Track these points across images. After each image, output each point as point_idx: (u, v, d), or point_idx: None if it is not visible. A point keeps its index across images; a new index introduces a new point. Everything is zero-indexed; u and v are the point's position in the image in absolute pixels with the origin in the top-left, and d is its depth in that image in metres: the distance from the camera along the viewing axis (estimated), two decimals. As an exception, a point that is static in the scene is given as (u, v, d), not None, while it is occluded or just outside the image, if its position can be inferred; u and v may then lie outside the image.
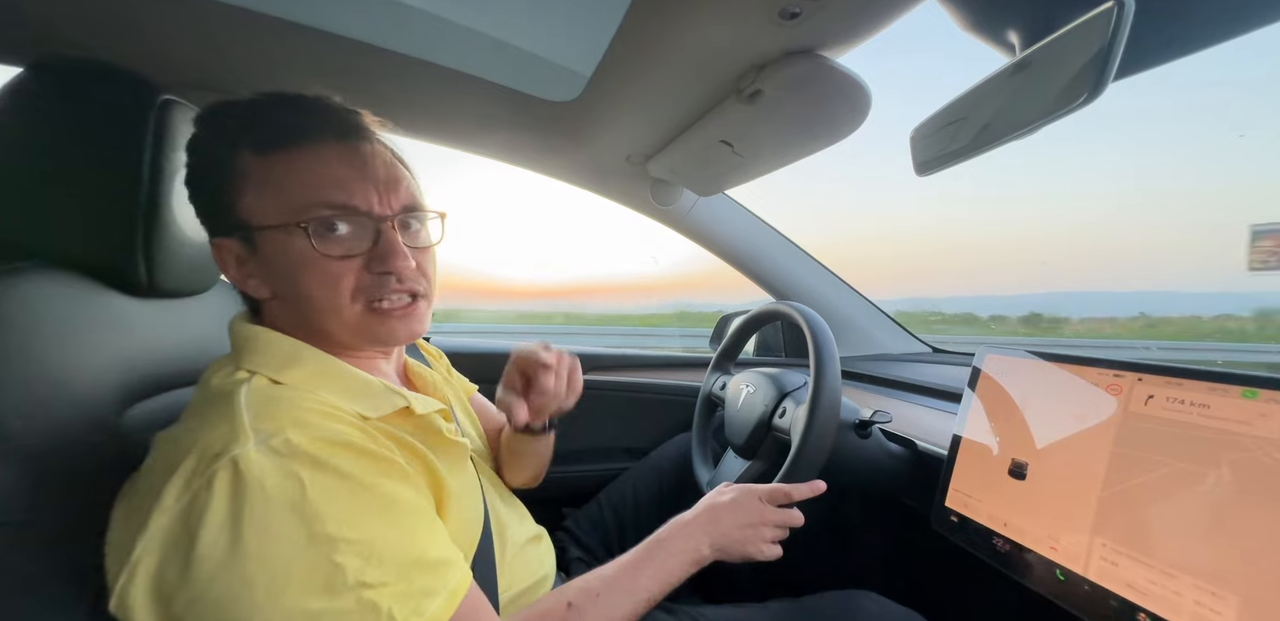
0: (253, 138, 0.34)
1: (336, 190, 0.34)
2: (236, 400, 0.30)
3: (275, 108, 0.35)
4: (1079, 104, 0.34)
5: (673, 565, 0.42)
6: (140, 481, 0.29)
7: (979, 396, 0.49)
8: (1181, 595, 0.31)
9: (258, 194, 0.34)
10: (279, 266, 0.35)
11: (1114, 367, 0.39)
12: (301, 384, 0.33)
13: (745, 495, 0.47)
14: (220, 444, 0.27)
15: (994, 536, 0.43)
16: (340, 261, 0.35)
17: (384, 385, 0.37)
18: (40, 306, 0.34)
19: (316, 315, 0.36)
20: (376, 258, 0.35)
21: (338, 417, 0.32)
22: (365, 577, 0.27)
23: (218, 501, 0.26)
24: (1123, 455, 0.36)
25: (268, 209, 0.34)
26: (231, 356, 0.35)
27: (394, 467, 0.32)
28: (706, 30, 0.46)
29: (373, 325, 0.36)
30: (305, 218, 0.33)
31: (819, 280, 1.01)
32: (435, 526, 0.33)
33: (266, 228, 0.34)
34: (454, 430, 0.42)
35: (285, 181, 0.34)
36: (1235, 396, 0.32)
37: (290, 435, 0.28)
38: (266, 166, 0.34)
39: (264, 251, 0.35)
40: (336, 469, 0.29)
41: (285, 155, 0.34)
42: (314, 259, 0.34)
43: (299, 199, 0.34)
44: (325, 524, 0.27)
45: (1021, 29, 0.40)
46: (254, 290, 0.36)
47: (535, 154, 0.84)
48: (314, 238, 0.34)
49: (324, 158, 0.35)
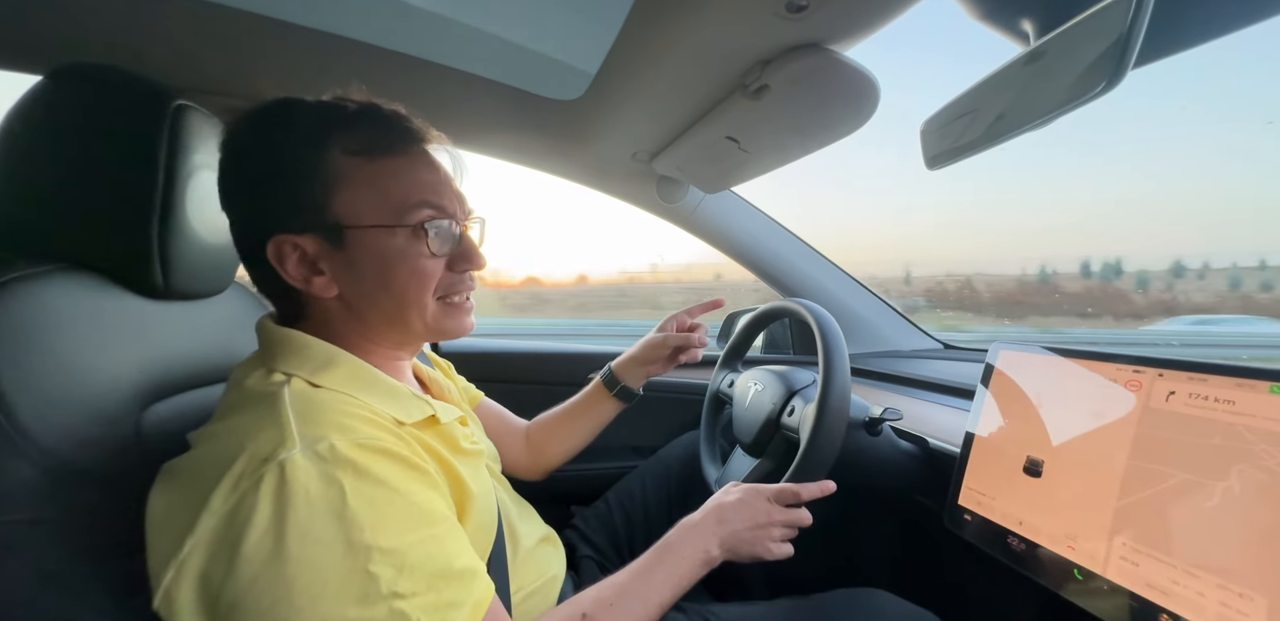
0: (350, 141, 0.35)
1: (433, 194, 0.37)
2: (281, 403, 0.30)
3: (365, 114, 0.37)
4: (1097, 93, 0.33)
5: (683, 569, 0.42)
6: (183, 477, 0.30)
7: (992, 393, 0.48)
8: (1205, 596, 0.30)
9: (354, 195, 0.35)
10: (369, 264, 0.36)
11: (1134, 363, 0.38)
12: (339, 387, 0.34)
13: (753, 495, 0.47)
14: (268, 448, 0.28)
15: (1009, 535, 0.42)
16: (433, 260, 0.37)
17: (411, 392, 0.38)
18: (59, 308, 0.35)
19: (396, 310, 0.37)
20: (461, 257, 0.39)
21: (377, 422, 0.33)
22: (398, 588, 0.27)
23: (263, 505, 0.26)
24: (1143, 452, 0.35)
25: (367, 209, 0.35)
26: (261, 358, 0.36)
27: (426, 476, 0.33)
28: (711, 26, 0.46)
29: (445, 319, 0.39)
30: (411, 219, 0.36)
31: (827, 276, 1.00)
32: (460, 535, 0.33)
33: (365, 227, 0.35)
34: (470, 436, 0.43)
35: (387, 185, 0.36)
36: (1263, 392, 0.31)
37: (335, 440, 0.29)
38: (367, 169, 0.35)
39: (353, 249, 0.36)
40: (376, 476, 0.29)
41: (386, 160, 0.36)
42: (413, 257, 0.36)
43: (400, 201, 0.36)
44: (364, 532, 0.27)
45: (1036, 17, 0.40)
46: (320, 289, 0.36)
47: (540, 153, 0.84)
48: (422, 238, 0.36)
49: (418, 164, 0.38)
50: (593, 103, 0.66)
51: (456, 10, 0.56)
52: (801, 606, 0.51)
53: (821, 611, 0.50)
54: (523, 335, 1.40)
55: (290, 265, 0.36)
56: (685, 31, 0.47)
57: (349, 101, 0.37)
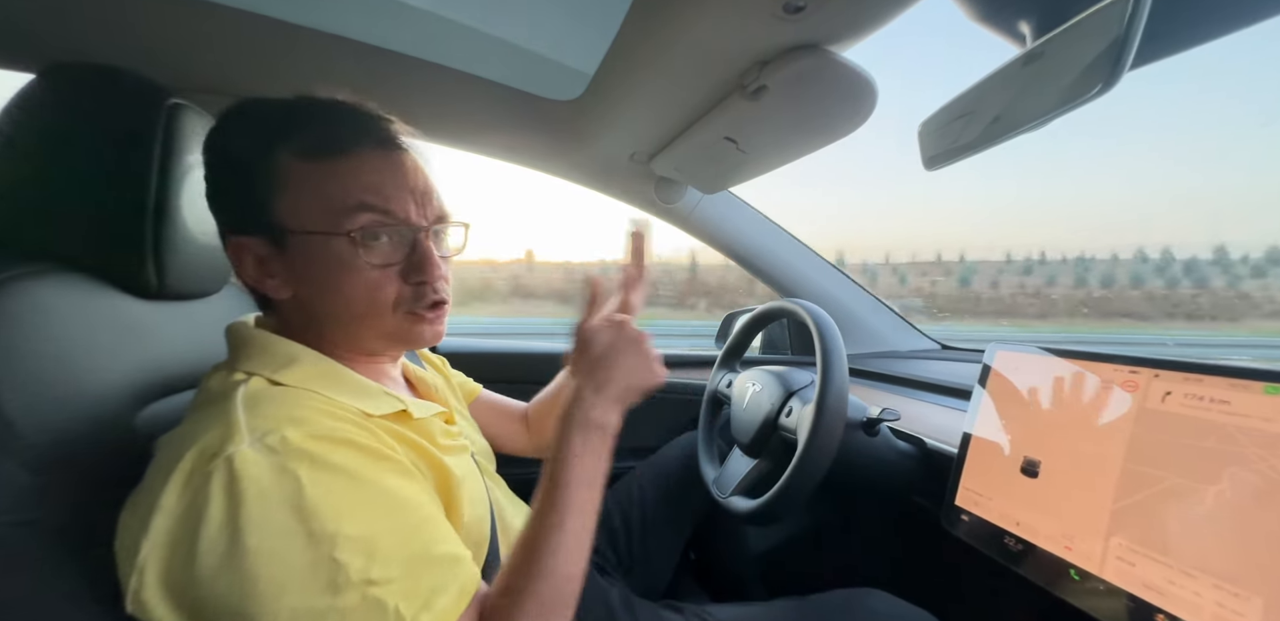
0: (296, 142, 0.34)
1: (378, 199, 0.35)
2: (233, 400, 0.30)
3: (317, 113, 0.35)
4: (1094, 94, 0.33)
5: (591, 464, 0.36)
6: (142, 485, 0.30)
7: (989, 393, 0.48)
8: (1202, 596, 0.30)
9: (296, 198, 0.34)
10: (311, 270, 0.35)
11: (1130, 363, 0.38)
12: (300, 383, 0.33)
13: (611, 335, 0.40)
14: (216, 444, 0.27)
15: (1005, 535, 0.42)
16: (380, 270, 0.35)
17: (381, 389, 0.37)
18: (52, 309, 0.34)
19: (350, 320, 0.36)
20: (413, 267, 0.36)
21: (338, 415, 0.32)
22: (370, 575, 0.27)
23: (215, 501, 0.26)
24: (1139, 453, 0.35)
25: (307, 213, 0.34)
26: (228, 360, 0.36)
27: (395, 465, 0.32)
28: (709, 26, 0.46)
29: (406, 329, 0.37)
30: (348, 225, 0.34)
31: (825, 277, 1.00)
32: (440, 523, 0.32)
33: (304, 232, 0.34)
34: (454, 432, 0.42)
35: (328, 188, 0.34)
36: (1258, 392, 0.31)
37: (287, 432, 0.28)
38: (309, 172, 0.34)
39: (295, 253, 0.35)
40: (335, 465, 0.29)
41: (330, 162, 0.34)
42: (355, 266, 0.34)
43: (341, 206, 0.34)
44: (324, 521, 0.27)
45: (1033, 19, 0.40)
46: (273, 290, 0.36)
47: (538, 153, 0.84)
48: (359, 246, 0.34)
49: (367, 166, 0.35)
50: (591, 103, 0.66)
51: (455, 10, 0.56)
52: (799, 607, 0.51)
53: (819, 612, 0.50)
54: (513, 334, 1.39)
55: (247, 266, 0.36)
56: (683, 32, 0.47)
57: (309, 99, 0.36)
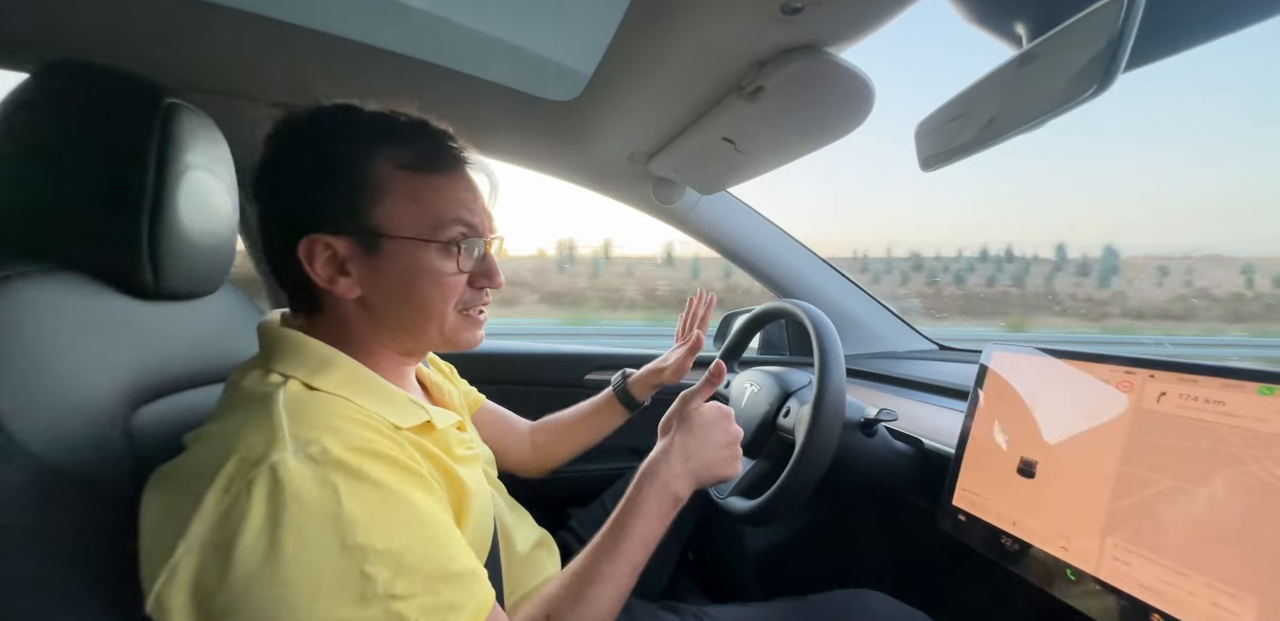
0: (404, 154, 0.37)
1: (469, 214, 0.39)
2: (274, 405, 0.30)
3: (419, 129, 0.38)
4: (1088, 96, 0.33)
5: (653, 524, 0.40)
6: (176, 480, 0.30)
7: (986, 394, 0.48)
8: (1196, 595, 0.30)
9: (398, 206, 0.36)
10: (397, 273, 0.37)
11: (1125, 364, 0.38)
12: (335, 389, 0.34)
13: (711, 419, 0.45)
14: (260, 450, 0.28)
15: (1002, 535, 0.42)
16: (458, 275, 0.39)
17: (408, 398, 0.38)
18: (48, 309, 0.34)
19: (420, 320, 0.39)
20: (483, 274, 0.41)
21: (372, 426, 0.33)
22: (394, 589, 0.27)
23: (256, 507, 0.26)
24: (1135, 453, 0.35)
25: (407, 221, 0.37)
26: (260, 359, 0.36)
27: (421, 479, 0.33)
28: (707, 27, 0.46)
29: (460, 331, 0.41)
30: (445, 235, 0.38)
31: (823, 277, 1.00)
32: (457, 538, 0.33)
33: (401, 238, 0.36)
34: (466, 441, 0.43)
35: (430, 200, 0.37)
36: (1251, 392, 0.31)
37: (327, 443, 0.29)
38: (413, 183, 0.37)
39: (385, 257, 0.37)
40: (369, 478, 0.29)
41: (434, 177, 0.38)
42: (440, 271, 0.38)
43: (440, 218, 0.37)
44: (358, 533, 0.27)
45: (1028, 21, 0.40)
46: (343, 289, 0.37)
47: (537, 154, 0.84)
48: (456, 255, 0.38)
49: (461, 184, 0.39)
50: (589, 104, 0.66)
51: (453, 11, 0.56)
52: (797, 607, 0.51)
53: (817, 612, 0.50)
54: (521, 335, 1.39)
55: (319, 264, 0.36)
56: (681, 33, 0.47)
57: (402, 114, 0.38)
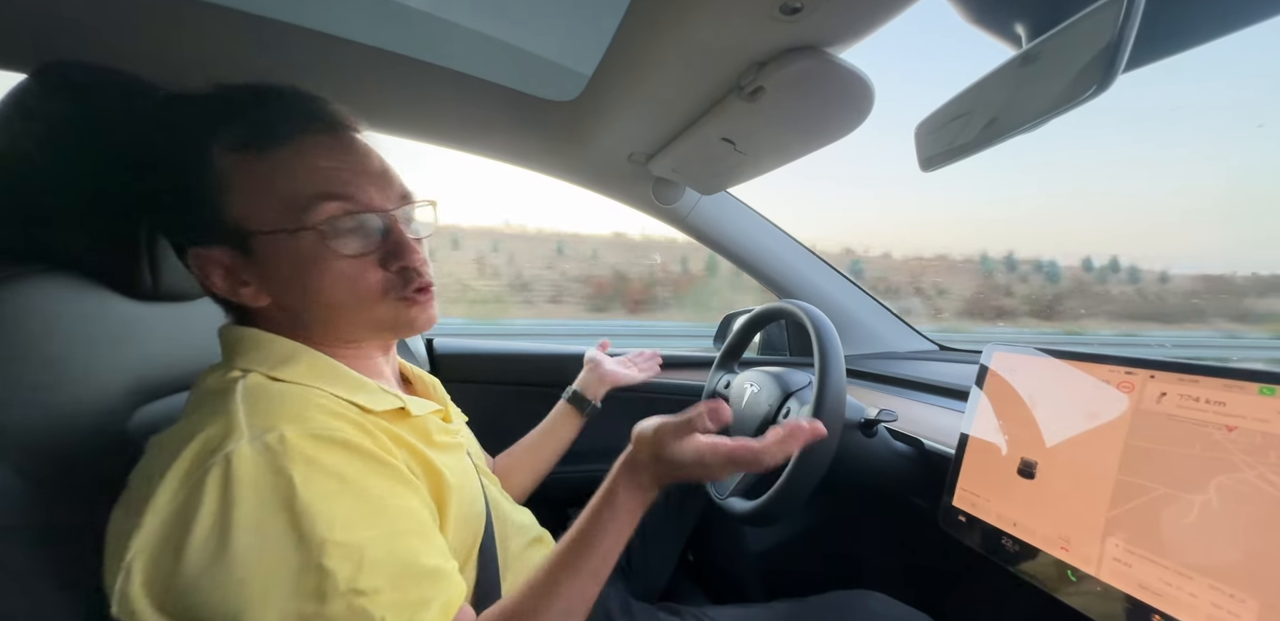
0: (232, 136, 0.31)
1: (337, 185, 0.32)
2: (232, 396, 0.29)
3: (249, 102, 0.33)
4: (1088, 96, 0.33)
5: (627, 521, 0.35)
6: (132, 484, 0.29)
7: (987, 394, 0.48)
8: (1197, 597, 0.30)
9: (247, 197, 0.31)
10: (284, 271, 0.33)
11: (1125, 364, 0.38)
12: (298, 379, 0.32)
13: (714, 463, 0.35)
14: (216, 440, 0.27)
15: (1003, 536, 0.42)
16: (357, 260, 0.33)
17: (378, 387, 0.36)
18: (45, 310, 0.34)
19: (337, 316, 0.34)
20: (390, 254, 0.34)
21: (338, 412, 0.31)
22: (357, 584, 0.26)
23: (209, 499, 0.25)
24: (1135, 453, 0.35)
25: (264, 212, 0.31)
26: (223, 360, 0.35)
27: (391, 470, 0.31)
28: (707, 28, 0.46)
29: (399, 315, 0.35)
30: (312, 218, 0.31)
31: (823, 278, 1.00)
32: (430, 534, 0.32)
33: (266, 232, 0.32)
34: (451, 430, 0.41)
35: (278, 181, 0.31)
36: (1252, 393, 0.31)
37: (285, 430, 0.28)
38: (256, 166, 0.31)
39: (263, 257, 0.32)
40: (330, 468, 0.28)
41: (273, 152, 0.31)
42: (329, 260, 0.32)
43: (298, 199, 0.31)
44: (316, 525, 0.26)
45: (1028, 21, 0.40)
46: (250, 299, 0.34)
47: (536, 154, 0.84)
48: (328, 239, 0.32)
49: (315, 152, 0.32)
50: (589, 104, 0.66)
51: (453, 11, 0.56)
52: (797, 608, 0.51)
53: (817, 613, 0.50)
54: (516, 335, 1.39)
55: (215, 278, 0.33)
56: (680, 33, 0.47)
57: (234, 87, 0.33)
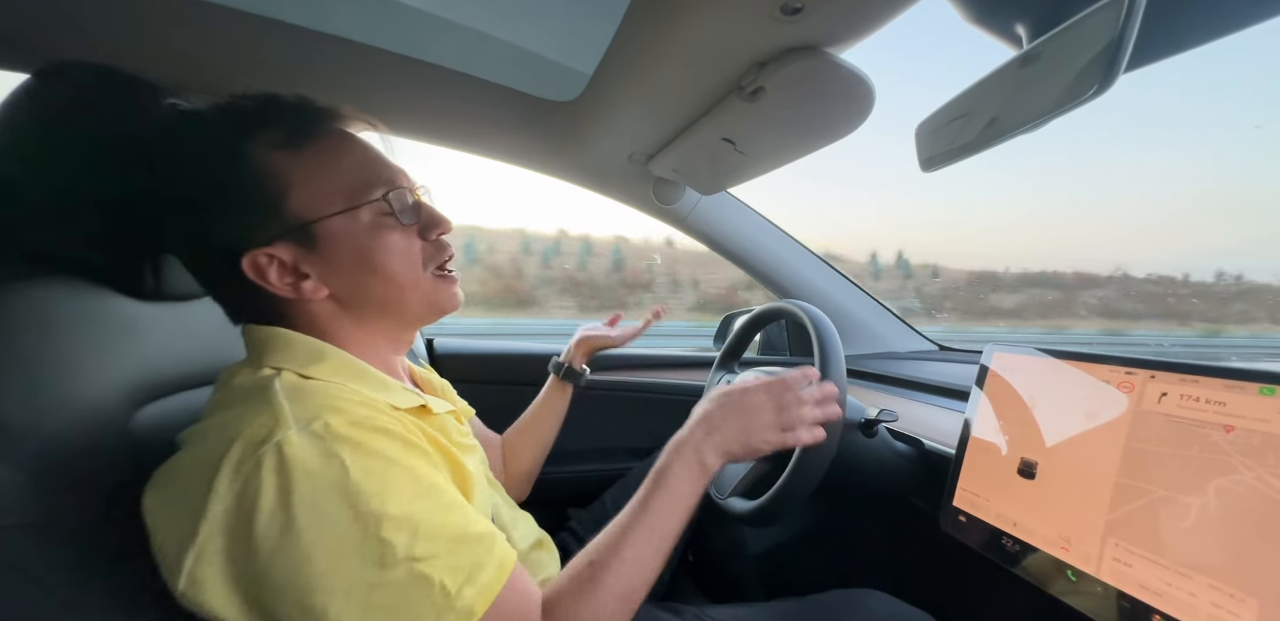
0: (276, 136, 0.34)
1: (380, 167, 0.37)
2: (273, 391, 0.31)
3: (273, 106, 0.36)
4: (1089, 96, 0.33)
5: (684, 488, 0.40)
6: (179, 473, 0.30)
7: (987, 394, 0.48)
8: (1197, 596, 0.30)
9: (304, 188, 0.34)
10: (347, 253, 0.35)
11: (1126, 365, 0.38)
12: (328, 377, 0.34)
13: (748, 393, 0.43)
14: (264, 431, 0.28)
15: (1003, 536, 0.42)
16: (406, 231, 0.37)
17: (401, 386, 0.38)
18: (48, 310, 0.34)
19: (396, 291, 0.37)
20: (428, 224, 0.38)
21: (371, 405, 0.33)
22: (414, 552, 0.28)
23: (268, 485, 0.27)
24: (1135, 453, 0.35)
25: (323, 198, 0.35)
26: (250, 359, 0.36)
27: (425, 454, 0.33)
28: (707, 28, 0.46)
29: (440, 292, 0.39)
30: (370, 194, 0.35)
31: (824, 278, 1.00)
32: (468, 506, 0.34)
33: (328, 216, 0.35)
34: (465, 431, 0.43)
35: (329, 169, 0.35)
36: (1253, 393, 0.31)
37: (329, 419, 0.29)
38: (303, 159, 0.34)
39: (327, 243, 0.35)
40: (374, 450, 0.30)
41: (322, 144, 0.35)
42: (386, 233, 0.36)
43: (353, 180, 0.35)
44: (369, 501, 0.28)
45: (1029, 21, 0.40)
46: (310, 293, 0.35)
47: (536, 154, 0.84)
48: (383, 213, 0.36)
49: (351, 142, 0.37)
50: (589, 104, 0.66)
51: (453, 11, 0.56)
52: (797, 608, 0.51)
53: (817, 612, 0.50)
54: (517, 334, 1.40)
55: (273, 276, 0.34)
56: (681, 33, 0.47)
57: (244, 98, 0.36)
